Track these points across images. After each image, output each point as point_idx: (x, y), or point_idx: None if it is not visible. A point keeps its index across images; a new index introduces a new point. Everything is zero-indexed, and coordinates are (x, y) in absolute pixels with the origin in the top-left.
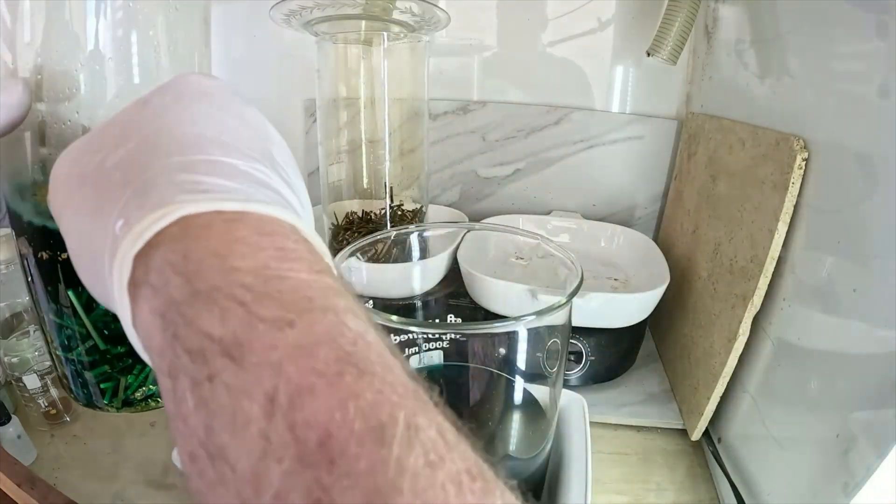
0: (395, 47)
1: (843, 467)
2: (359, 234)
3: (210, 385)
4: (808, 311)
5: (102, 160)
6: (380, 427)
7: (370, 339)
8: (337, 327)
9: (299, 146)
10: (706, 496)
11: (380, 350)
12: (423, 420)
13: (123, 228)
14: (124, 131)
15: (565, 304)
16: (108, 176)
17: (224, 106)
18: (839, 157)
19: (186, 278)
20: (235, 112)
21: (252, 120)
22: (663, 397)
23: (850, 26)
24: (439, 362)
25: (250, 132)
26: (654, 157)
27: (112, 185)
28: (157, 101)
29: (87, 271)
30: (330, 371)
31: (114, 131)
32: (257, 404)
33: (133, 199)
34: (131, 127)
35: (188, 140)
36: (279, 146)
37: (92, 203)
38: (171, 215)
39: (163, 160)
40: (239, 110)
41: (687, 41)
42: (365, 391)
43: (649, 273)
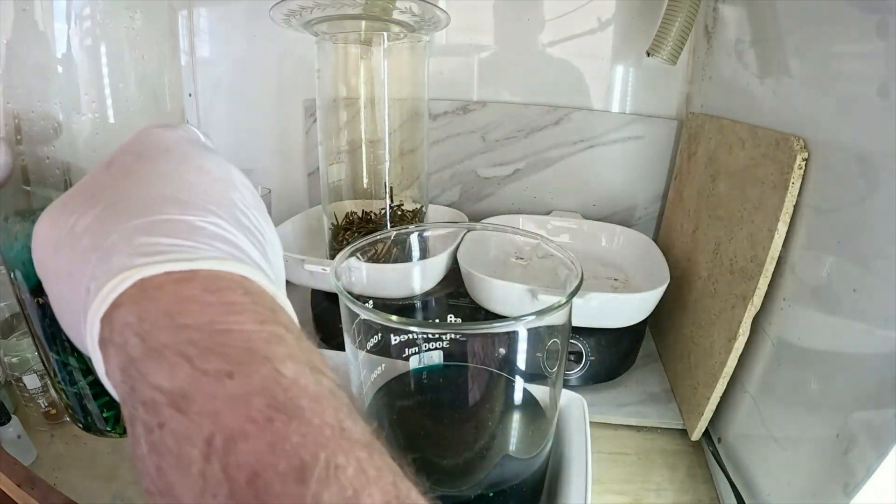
0: (394, 47)
1: (843, 467)
2: (359, 234)
3: (160, 432)
4: (808, 311)
5: (74, 224)
6: (302, 467)
7: (304, 384)
8: (272, 376)
9: (299, 146)
10: (706, 496)
11: (313, 393)
12: (343, 459)
13: (92, 292)
14: (93, 195)
15: (565, 304)
16: (79, 240)
17: (184, 159)
18: (839, 157)
19: (141, 338)
20: (195, 165)
21: (212, 169)
22: (663, 397)
23: (850, 26)
24: (439, 362)
25: (208, 183)
26: (654, 157)
27: (82, 250)
28: (120, 161)
29: (69, 326)
30: (261, 417)
31: (83, 195)
32: (198, 448)
33: (99, 264)
34: (99, 190)
35: (148, 201)
36: (241, 189)
37: (66, 267)
38: (128, 280)
39: (124, 224)
40: (199, 162)
41: (687, 41)
42: (291, 435)
43: (649, 273)
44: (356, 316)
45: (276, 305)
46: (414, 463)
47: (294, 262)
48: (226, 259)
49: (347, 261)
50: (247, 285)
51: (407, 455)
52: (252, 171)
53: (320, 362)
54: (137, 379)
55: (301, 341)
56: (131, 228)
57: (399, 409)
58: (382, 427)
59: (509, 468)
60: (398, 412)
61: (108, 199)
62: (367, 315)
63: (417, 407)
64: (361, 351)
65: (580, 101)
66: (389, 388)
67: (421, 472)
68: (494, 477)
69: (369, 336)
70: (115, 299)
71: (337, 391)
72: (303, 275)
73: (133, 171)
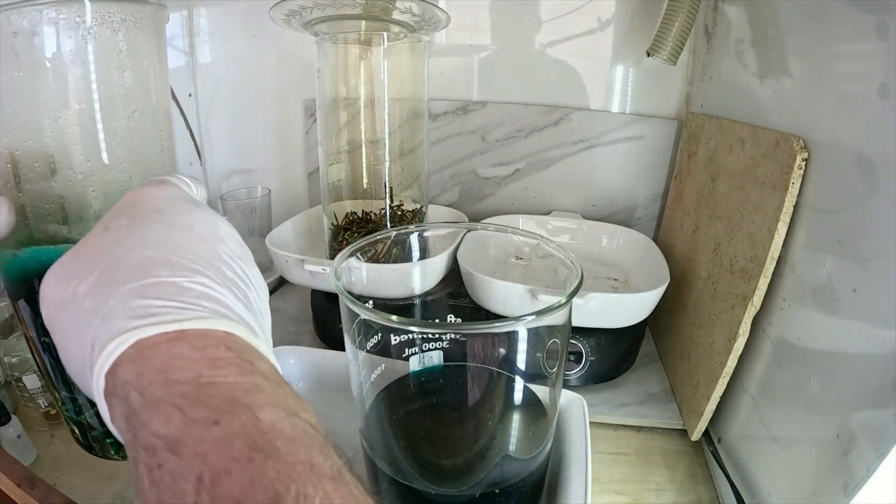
0: (394, 47)
1: (843, 467)
2: (359, 234)
3: (159, 471)
4: (808, 311)
5: (76, 288)
6: (276, 497)
7: (280, 427)
8: (251, 422)
9: (299, 146)
10: (706, 496)
11: (288, 435)
12: (311, 490)
13: (95, 351)
14: (91, 260)
15: (565, 304)
16: (81, 303)
17: (173, 220)
18: (839, 157)
19: (140, 392)
20: (183, 224)
21: (199, 226)
22: (663, 397)
23: (850, 26)
24: (439, 362)
25: (195, 242)
26: (654, 157)
27: (85, 312)
28: (115, 226)
29: (75, 374)
30: (243, 457)
31: (83, 260)
32: (190, 484)
33: (100, 325)
34: (96, 255)
35: (141, 266)
36: (227, 240)
37: (72, 326)
38: (126, 342)
39: (120, 289)
40: (187, 221)
41: (687, 41)
42: (268, 471)
43: (649, 273)
44: (356, 316)
45: (256, 356)
46: (415, 462)
47: (294, 262)
48: (210, 317)
49: (347, 261)
50: (230, 340)
51: (407, 455)
52: (252, 171)
53: (296, 405)
54: (139, 427)
55: (279, 387)
56: (127, 292)
57: (399, 409)
58: (383, 427)
59: (509, 468)
60: (398, 412)
61: (105, 265)
62: (367, 315)
63: (417, 407)
64: (361, 351)
65: (580, 101)
66: (389, 389)
67: (421, 471)
68: (494, 477)
69: (369, 336)
70: (116, 359)
71: (310, 430)
72: (303, 275)
73: (126, 237)
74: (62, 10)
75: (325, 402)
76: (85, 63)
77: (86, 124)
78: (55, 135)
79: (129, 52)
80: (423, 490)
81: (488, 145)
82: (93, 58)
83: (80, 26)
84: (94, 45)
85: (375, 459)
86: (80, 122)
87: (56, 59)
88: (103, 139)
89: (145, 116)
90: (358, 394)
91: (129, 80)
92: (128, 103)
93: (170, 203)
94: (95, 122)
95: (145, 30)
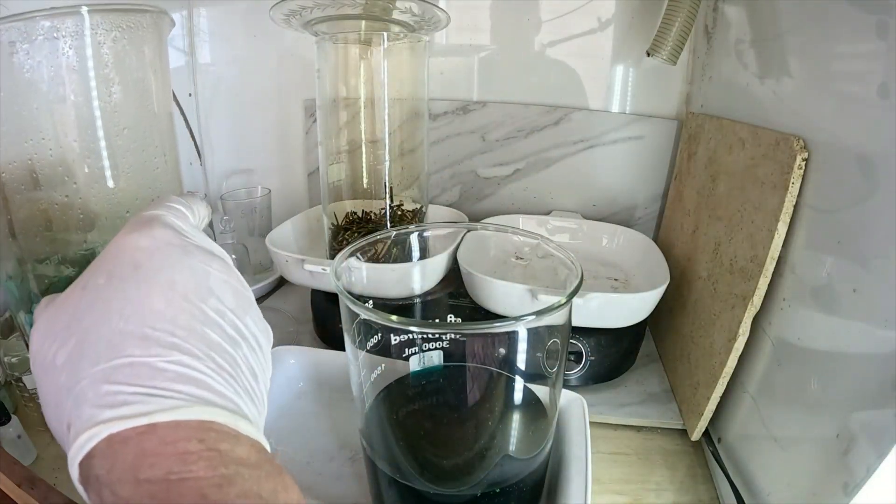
0: (394, 47)
1: (843, 467)
2: (359, 234)
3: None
4: (808, 311)
5: (55, 357)
6: None
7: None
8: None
9: (299, 146)
10: (706, 496)
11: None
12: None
13: (70, 436)
14: (68, 325)
15: (565, 304)
16: (58, 376)
17: (153, 278)
18: (839, 157)
19: (111, 490)
20: (165, 281)
21: (183, 283)
22: (663, 397)
23: (850, 26)
24: (439, 362)
25: (176, 305)
26: (654, 157)
27: (60, 388)
28: (92, 285)
29: (55, 434)
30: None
31: (63, 320)
32: None
33: (73, 409)
34: (73, 319)
35: (112, 342)
36: (219, 289)
37: (50, 396)
38: (98, 436)
39: (91, 368)
40: (169, 276)
41: (687, 41)
42: None
43: (649, 273)
44: (356, 316)
45: (233, 441)
46: (415, 462)
47: (294, 262)
48: (182, 406)
49: (347, 261)
50: (203, 429)
51: (407, 455)
52: (252, 171)
53: (274, 486)
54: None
55: (257, 469)
56: (98, 374)
57: (399, 409)
58: (383, 427)
59: (509, 468)
60: (398, 412)
61: (80, 335)
62: (367, 315)
63: (417, 407)
64: (361, 351)
65: (580, 101)
66: (389, 389)
67: (421, 471)
68: (494, 477)
69: (369, 336)
70: (88, 451)
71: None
72: (303, 275)
73: (102, 300)
74: (57, 20)
75: (325, 402)
76: (84, 73)
77: (85, 136)
78: (56, 145)
79: (126, 62)
80: (423, 490)
81: (488, 145)
82: (92, 64)
83: (75, 37)
84: (92, 55)
85: (375, 459)
86: (80, 134)
87: (52, 70)
88: (104, 147)
89: (146, 126)
90: (358, 394)
91: (127, 90)
92: (126, 113)
93: (150, 255)
94: (97, 131)
95: (145, 39)
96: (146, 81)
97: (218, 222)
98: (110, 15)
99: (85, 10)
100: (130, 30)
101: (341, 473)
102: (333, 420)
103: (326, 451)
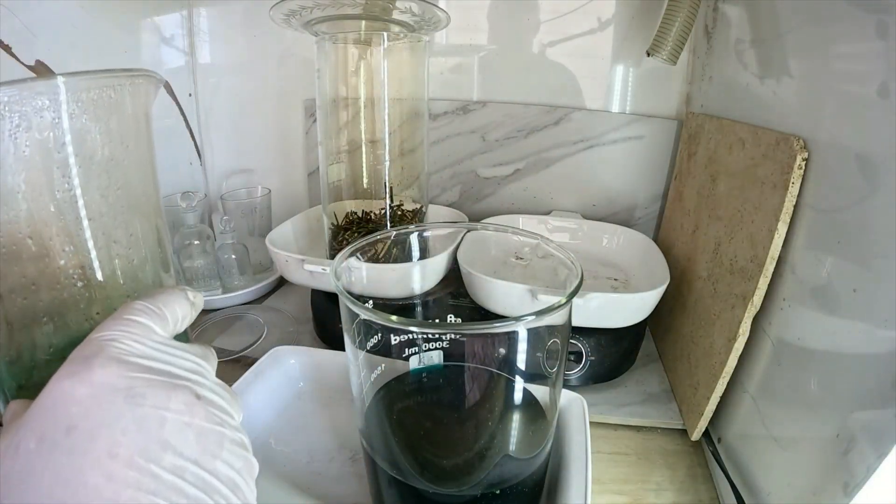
0: (395, 47)
1: (843, 467)
2: (359, 234)
3: None
4: (808, 311)
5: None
6: None
7: None
8: None
9: (299, 146)
10: (706, 496)
11: None
12: None
13: None
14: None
15: (565, 304)
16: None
17: (88, 445)
18: (839, 157)
19: None
20: (104, 449)
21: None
22: (663, 397)
23: (850, 26)
24: (439, 362)
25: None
26: (654, 157)
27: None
28: (23, 448)
29: None
30: None
31: None
32: None
33: None
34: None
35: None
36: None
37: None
38: None
39: None
40: (109, 442)
41: (687, 41)
42: None
43: (649, 273)
44: (356, 316)
45: None
46: (415, 462)
47: (294, 262)
48: None
49: (347, 261)
50: None
51: (407, 455)
52: (252, 171)
53: None
54: None
55: None
56: None
57: (399, 410)
58: (383, 427)
59: (509, 468)
60: (398, 412)
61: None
62: (367, 315)
63: (417, 407)
64: (361, 351)
65: (580, 101)
66: (389, 389)
67: (421, 471)
68: (494, 477)
69: (369, 336)
70: None
71: None
72: (303, 275)
73: (31, 471)
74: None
75: (325, 402)
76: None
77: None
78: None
79: (108, 133)
80: (423, 490)
81: (488, 145)
82: (70, 139)
83: (51, 107)
84: (71, 127)
85: (375, 459)
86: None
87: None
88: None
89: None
90: (358, 394)
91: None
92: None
93: (86, 413)
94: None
95: (132, 107)
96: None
97: (218, 222)
98: (82, 82)
99: (61, 80)
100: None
101: (341, 473)
102: (333, 420)
103: (326, 451)
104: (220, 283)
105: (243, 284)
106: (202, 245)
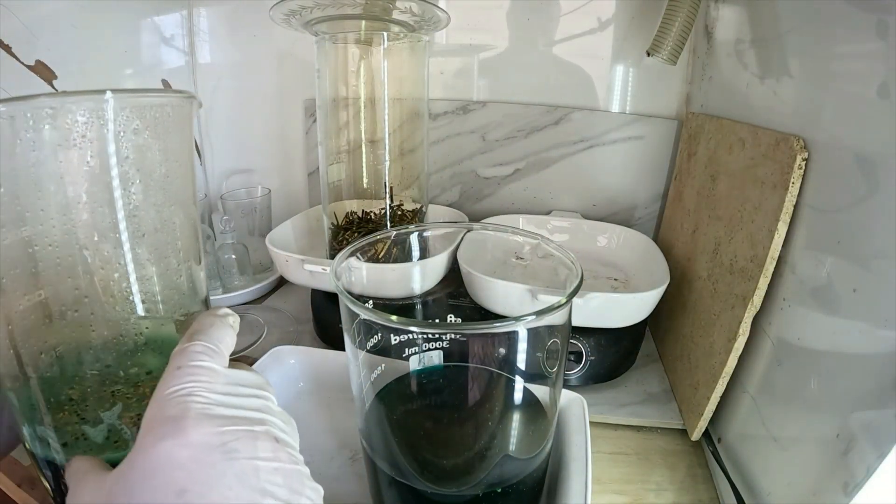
0: (395, 47)
1: (843, 467)
2: (359, 234)
3: None
4: (808, 311)
5: None
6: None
7: None
8: None
9: (299, 146)
10: (706, 496)
11: None
12: None
13: None
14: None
15: (565, 304)
16: None
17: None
18: (839, 157)
19: None
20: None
21: (236, 496)
22: (663, 397)
23: (850, 26)
24: (439, 362)
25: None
26: (654, 157)
27: None
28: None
29: None
30: None
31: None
32: None
33: None
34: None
35: None
36: (270, 488)
37: None
38: None
39: None
40: (220, 499)
41: (687, 41)
42: None
43: (649, 273)
44: (356, 316)
45: None
46: (415, 462)
47: (294, 262)
48: None
49: (347, 261)
50: None
51: (407, 455)
52: (252, 171)
53: None
54: None
55: None
56: None
57: (399, 410)
58: (383, 427)
59: (509, 468)
60: (398, 412)
61: None
62: (367, 315)
63: (417, 407)
64: (361, 351)
65: (580, 101)
66: (389, 388)
67: (421, 471)
68: (494, 477)
69: (369, 336)
70: None
71: None
72: (303, 275)
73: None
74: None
75: (325, 402)
76: (105, 161)
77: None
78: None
79: (165, 150)
80: (422, 490)
81: (488, 145)
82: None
83: (97, 123)
84: (115, 144)
85: (375, 459)
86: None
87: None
88: (126, 240)
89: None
90: (358, 394)
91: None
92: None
93: (192, 475)
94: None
95: (174, 125)
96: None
97: (218, 222)
98: (131, 100)
99: (110, 94)
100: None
101: (341, 473)
102: (333, 420)
103: (326, 451)
104: (220, 283)
105: (243, 284)
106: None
